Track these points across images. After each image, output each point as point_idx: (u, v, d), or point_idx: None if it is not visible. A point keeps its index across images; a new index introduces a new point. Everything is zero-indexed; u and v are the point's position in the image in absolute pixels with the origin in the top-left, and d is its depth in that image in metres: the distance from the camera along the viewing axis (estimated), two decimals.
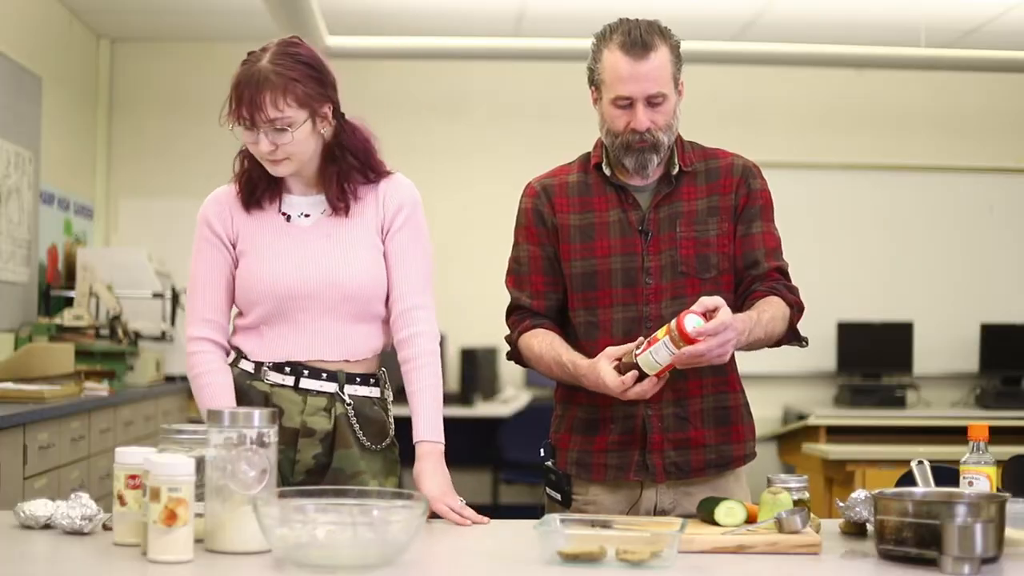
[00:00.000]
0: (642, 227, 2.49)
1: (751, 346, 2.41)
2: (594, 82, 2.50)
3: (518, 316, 2.60)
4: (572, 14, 6.25)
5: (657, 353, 2.27)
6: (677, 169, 2.51)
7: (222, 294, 2.49)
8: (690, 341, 2.22)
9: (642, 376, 2.31)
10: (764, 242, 2.52)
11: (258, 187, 2.47)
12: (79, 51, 6.68)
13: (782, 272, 2.54)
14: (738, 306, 2.48)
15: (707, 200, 2.51)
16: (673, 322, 2.25)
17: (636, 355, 2.31)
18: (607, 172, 2.53)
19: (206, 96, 6.95)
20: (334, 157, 2.47)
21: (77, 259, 5.98)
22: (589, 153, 2.59)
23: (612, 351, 2.36)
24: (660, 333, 2.27)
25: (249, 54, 2.41)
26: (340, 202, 2.46)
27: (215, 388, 2.44)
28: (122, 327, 5.46)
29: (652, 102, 2.43)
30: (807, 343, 2.56)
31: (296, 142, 2.37)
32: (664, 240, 2.49)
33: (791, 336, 2.53)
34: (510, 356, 2.64)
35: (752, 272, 2.51)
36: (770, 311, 2.43)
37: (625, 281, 2.48)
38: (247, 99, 2.34)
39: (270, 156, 2.38)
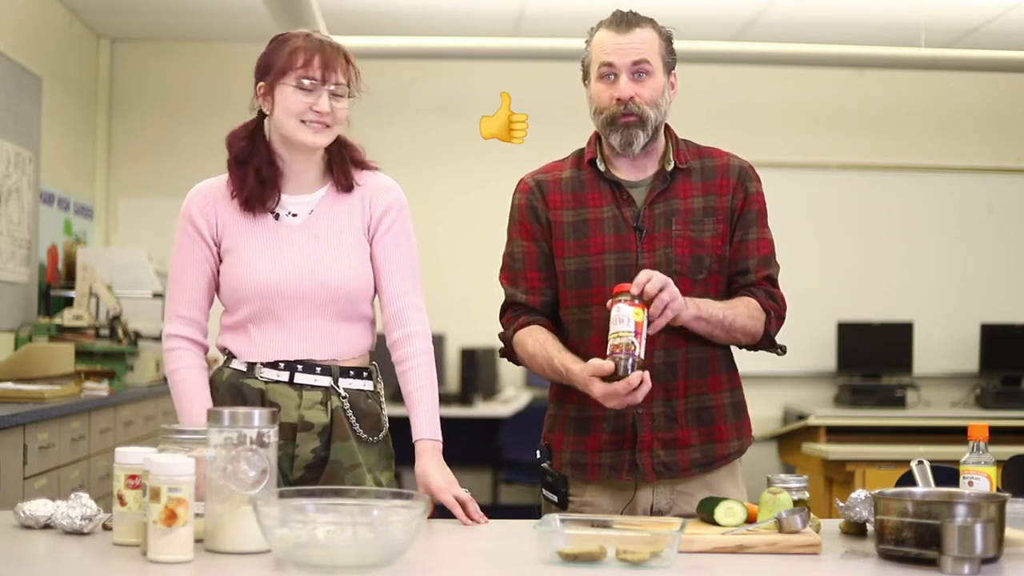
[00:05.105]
0: (637, 223, 2.49)
1: (711, 322, 2.42)
2: (586, 69, 2.54)
3: (513, 313, 2.59)
4: (572, 14, 6.24)
5: (621, 322, 2.27)
6: (672, 165, 2.52)
7: (201, 292, 2.50)
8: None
9: (620, 376, 2.29)
10: (758, 249, 2.54)
11: (267, 187, 2.47)
12: (79, 51, 6.68)
13: (770, 280, 2.55)
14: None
15: (703, 199, 2.52)
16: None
17: (611, 350, 2.29)
18: (601, 168, 2.53)
19: (206, 96, 7.05)
20: (332, 145, 2.52)
21: (77, 259, 5.98)
22: (583, 149, 2.60)
23: (597, 366, 2.32)
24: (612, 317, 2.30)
25: (282, 35, 2.48)
26: (344, 179, 2.50)
27: (187, 385, 2.46)
28: (122, 327, 5.46)
29: (636, 73, 2.45)
30: (784, 351, 2.56)
31: (344, 111, 2.45)
32: (659, 237, 2.49)
33: (766, 342, 2.54)
34: (503, 353, 2.64)
35: (740, 280, 2.53)
36: (733, 302, 2.47)
37: (619, 278, 2.46)
38: (321, 59, 2.41)
39: (325, 119, 2.42)
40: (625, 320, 2.28)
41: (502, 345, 2.63)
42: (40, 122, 5.85)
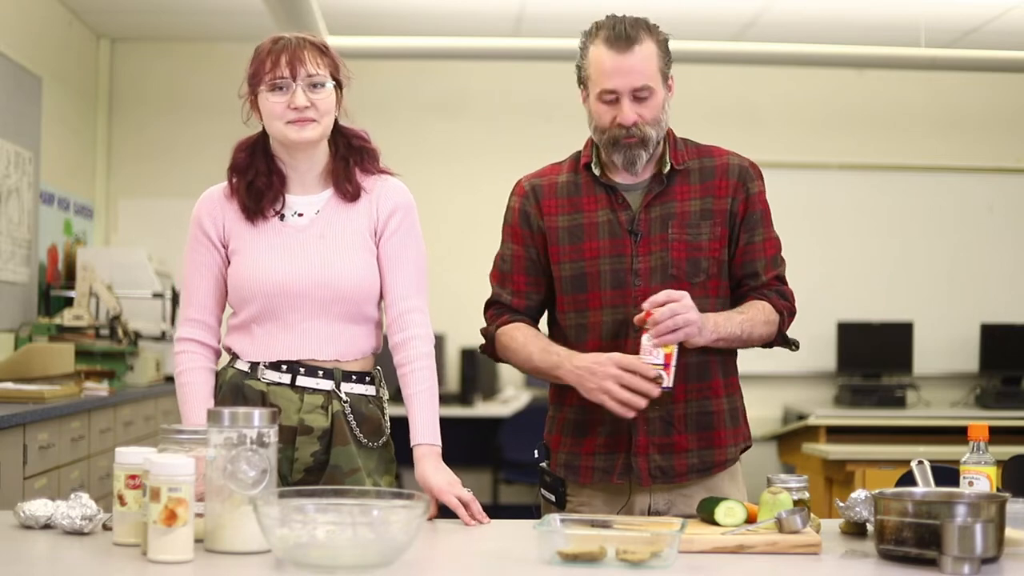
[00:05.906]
0: (632, 227, 2.47)
1: (729, 340, 2.43)
2: (582, 80, 2.51)
3: (496, 311, 2.60)
4: (572, 14, 6.23)
5: (650, 355, 2.33)
6: (668, 167, 2.50)
7: (210, 295, 2.50)
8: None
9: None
10: (765, 251, 2.52)
11: (265, 195, 2.47)
12: (79, 51, 6.68)
13: (779, 279, 2.55)
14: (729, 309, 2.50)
15: (700, 201, 2.49)
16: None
17: None
18: (596, 172, 2.52)
19: (206, 96, 7.05)
20: (338, 147, 2.51)
21: (77, 259, 5.98)
22: (580, 152, 2.58)
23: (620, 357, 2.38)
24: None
25: (257, 46, 2.48)
26: (348, 185, 2.48)
27: (190, 388, 2.47)
28: (122, 327, 5.46)
29: (638, 96, 2.42)
30: (797, 347, 2.58)
31: (328, 100, 2.42)
32: (655, 241, 2.47)
33: (780, 340, 2.55)
34: (484, 348, 2.64)
35: (751, 283, 2.52)
36: (750, 312, 2.46)
37: (614, 283, 2.47)
38: (288, 57, 2.41)
39: (304, 113, 2.40)
40: (655, 354, 2.33)
41: (483, 341, 2.64)
42: (40, 122, 5.85)
